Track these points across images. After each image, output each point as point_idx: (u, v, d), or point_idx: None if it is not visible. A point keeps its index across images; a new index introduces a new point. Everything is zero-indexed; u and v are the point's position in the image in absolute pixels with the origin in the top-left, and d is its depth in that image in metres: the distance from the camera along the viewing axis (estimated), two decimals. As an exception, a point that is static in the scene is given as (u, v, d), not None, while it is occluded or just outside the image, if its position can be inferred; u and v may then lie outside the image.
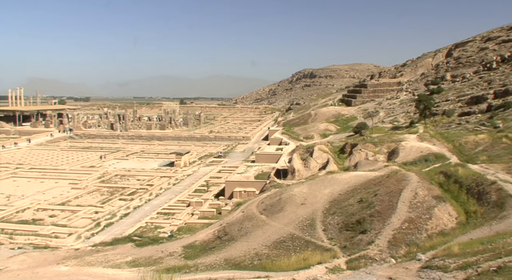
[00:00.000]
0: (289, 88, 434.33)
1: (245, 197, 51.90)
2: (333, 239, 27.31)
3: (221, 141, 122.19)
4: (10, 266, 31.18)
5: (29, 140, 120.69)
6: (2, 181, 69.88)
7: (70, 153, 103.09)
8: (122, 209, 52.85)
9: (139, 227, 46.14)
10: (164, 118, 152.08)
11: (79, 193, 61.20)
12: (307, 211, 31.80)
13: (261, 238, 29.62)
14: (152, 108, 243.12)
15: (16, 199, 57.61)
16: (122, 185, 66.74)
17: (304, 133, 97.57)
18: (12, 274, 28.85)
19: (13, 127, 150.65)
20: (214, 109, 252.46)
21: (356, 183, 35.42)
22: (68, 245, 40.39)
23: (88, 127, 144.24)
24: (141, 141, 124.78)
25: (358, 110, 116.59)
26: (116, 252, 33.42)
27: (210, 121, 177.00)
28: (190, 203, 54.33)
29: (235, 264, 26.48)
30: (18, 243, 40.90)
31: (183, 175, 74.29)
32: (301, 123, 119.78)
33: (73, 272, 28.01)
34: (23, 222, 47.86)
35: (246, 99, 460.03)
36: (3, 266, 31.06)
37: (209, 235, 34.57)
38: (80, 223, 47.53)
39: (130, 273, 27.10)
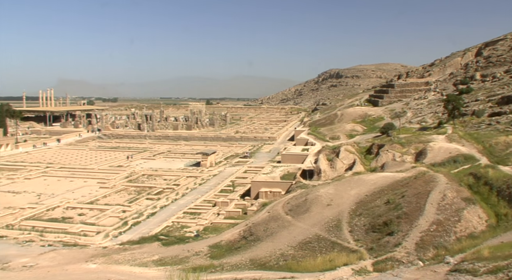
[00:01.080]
0: (315, 88, 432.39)
1: (270, 197, 51.85)
2: (359, 241, 27.09)
3: (247, 141, 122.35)
4: (40, 262, 31.83)
5: (59, 140, 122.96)
6: (33, 180, 71.40)
7: (98, 152, 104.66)
8: (149, 208, 53.38)
9: (166, 226, 46.52)
10: (190, 119, 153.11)
11: (107, 192, 62.08)
12: (333, 212, 31.62)
13: (287, 238, 29.57)
14: (178, 109, 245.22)
15: (47, 198, 58.75)
16: (149, 185, 67.45)
17: (330, 134, 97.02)
18: (42, 271, 29.45)
19: (44, 127, 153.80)
20: (240, 109, 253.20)
21: (383, 184, 35.07)
22: (97, 243, 40.97)
23: (116, 127, 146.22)
24: (168, 141, 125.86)
25: (385, 111, 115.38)
26: (143, 251, 33.79)
27: (236, 122, 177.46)
28: (216, 203, 54.54)
29: (260, 264, 26.49)
30: (49, 240, 41.67)
31: (209, 175, 74.65)
32: (327, 123, 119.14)
33: (101, 270, 28.42)
34: (53, 220, 48.80)
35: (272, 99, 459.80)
36: (34, 262, 31.73)
37: (235, 235, 34.66)
38: (108, 222, 48.19)
39: (156, 271, 27.36)
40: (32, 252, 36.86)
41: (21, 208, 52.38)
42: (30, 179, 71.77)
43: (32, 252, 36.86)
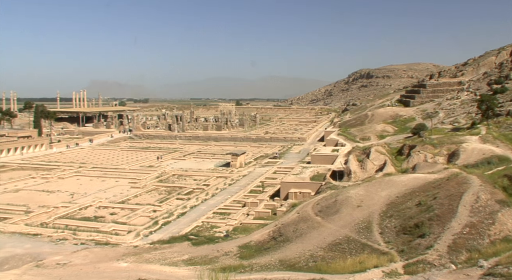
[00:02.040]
0: (345, 88, 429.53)
1: (300, 198, 51.69)
2: (390, 243, 26.77)
3: (277, 142, 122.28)
4: (73, 260, 32.47)
5: (91, 140, 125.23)
6: (67, 179, 72.94)
7: (129, 153, 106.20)
8: (179, 208, 53.84)
9: (196, 226, 46.87)
10: (220, 119, 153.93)
11: (138, 192, 62.91)
12: (363, 214, 31.34)
13: (316, 239, 29.44)
14: (208, 109, 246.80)
15: (79, 197, 59.90)
16: (179, 185, 68.07)
17: (360, 134, 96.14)
18: (75, 269, 30.03)
19: (77, 128, 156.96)
20: (269, 110, 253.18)
21: (415, 185, 34.58)
22: (128, 242, 41.54)
23: (147, 128, 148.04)
24: (198, 142, 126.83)
25: (416, 111, 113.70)
26: (173, 250, 34.12)
27: (266, 122, 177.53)
28: (246, 204, 54.68)
29: (289, 265, 26.44)
30: (81, 239, 42.47)
31: (238, 175, 74.90)
32: (357, 124, 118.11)
33: (132, 269, 28.80)
34: (86, 219, 49.72)
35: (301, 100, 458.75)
36: (68, 260, 32.38)
37: (264, 235, 34.68)
38: (139, 221, 48.82)
39: (186, 271, 27.58)
40: (65, 250, 37.64)
41: (55, 207, 53.55)
42: (64, 178, 73.32)
43: (65, 250, 37.64)
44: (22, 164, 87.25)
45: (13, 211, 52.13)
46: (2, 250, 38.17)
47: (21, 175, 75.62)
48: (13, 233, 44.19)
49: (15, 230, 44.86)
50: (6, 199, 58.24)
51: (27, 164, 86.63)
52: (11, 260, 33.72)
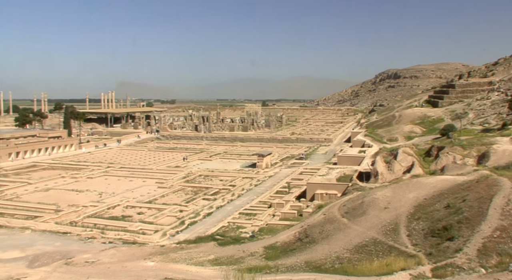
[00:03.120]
0: (372, 89, 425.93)
1: (326, 199, 51.44)
2: (417, 245, 26.41)
3: (303, 143, 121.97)
4: (101, 259, 32.95)
5: (119, 140, 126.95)
6: (95, 179, 74.11)
7: (156, 153, 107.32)
8: (205, 209, 54.15)
9: (222, 226, 47.06)
10: (246, 120, 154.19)
11: (165, 192, 63.50)
12: (390, 216, 30.99)
13: (343, 241, 29.24)
14: (235, 110, 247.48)
15: (108, 196, 60.78)
16: (206, 185, 68.46)
17: (387, 135, 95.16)
18: (103, 267, 30.47)
19: (105, 128, 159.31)
20: (296, 111, 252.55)
21: (443, 187, 34.03)
22: (154, 241, 41.96)
23: (173, 129, 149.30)
24: (224, 142, 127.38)
25: (445, 112, 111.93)
26: (199, 250, 34.31)
27: (292, 123, 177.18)
28: (272, 204, 54.67)
29: (315, 266, 26.32)
30: (109, 237, 43.09)
31: (264, 176, 74.96)
32: (384, 125, 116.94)
33: (158, 268, 29.07)
34: (114, 218, 50.42)
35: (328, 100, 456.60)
36: (96, 258, 32.88)
37: (290, 236, 34.61)
38: (165, 221, 49.26)
39: (212, 271, 27.70)
40: (93, 248, 38.23)
41: (83, 206, 54.50)
42: (92, 178, 74.51)
43: (93, 248, 38.23)
44: (53, 163, 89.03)
45: (44, 210, 53.26)
46: (33, 247, 39.01)
47: (51, 174, 77.14)
48: (44, 231, 45.13)
49: (46, 228, 45.80)
50: (37, 198, 59.51)
51: (57, 164, 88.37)
52: (42, 258, 34.42)
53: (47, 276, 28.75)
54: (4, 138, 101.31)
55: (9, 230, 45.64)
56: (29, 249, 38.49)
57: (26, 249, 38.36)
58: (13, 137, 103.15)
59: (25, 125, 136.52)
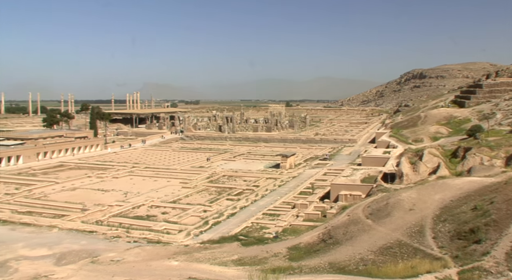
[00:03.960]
0: (397, 89, 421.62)
1: (350, 200, 51.10)
2: (443, 248, 26.04)
3: (327, 143, 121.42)
4: (126, 257, 33.34)
5: (144, 141, 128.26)
6: (120, 178, 75.00)
7: (181, 153, 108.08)
8: (229, 209, 54.29)
9: (245, 227, 47.09)
10: (270, 121, 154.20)
11: (189, 192, 63.88)
12: (415, 217, 30.63)
13: (367, 243, 29.02)
14: (258, 111, 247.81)
15: (133, 196, 61.42)
16: (229, 186, 68.65)
17: (413, 136, 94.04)
18: (128, 266, 30.83)
19: (130, 129, 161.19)
20: (320, 111, 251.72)
21: (470, 189, 33.50)
22: (179, 241, 42.22)
23: (197, 129, 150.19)
24: (248, 143, 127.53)
25: (472, 112, 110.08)
26: (223, 250, 34.44)
27: (316, 124, 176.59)
28: (295, 205, 54.52)
29: (339, 268, 26.18)
30: (134, 237, 43.52)
31: (288, 177, 74.82)
32: (409, 125, 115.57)
33: (182, 267, 29.28)
34: (139, 218, 50.91)
35: (352, 101, 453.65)
36: (121, 257, 33.28)
37: (314, 237, 34.49)
38: (189, 221, 49.54)
39: (236, 271, 27.78)
40: (119, 247, 38.69)
41: (109, 206, 55.18)
42: (118, 178, 75.42)
43: (119, 247, 38.69)
44: (79, 163, 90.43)
45: (71, 209, 54.11)
46: (60, 245, 39.65)
47: (77, 174, 78.34)
48: (70, 229, 45.84)
49: (72, 227, 46.51)
50: (64, 197, 60.50)
51: (83, 164, 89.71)
52: (68, 256, 35.00)
53: (74, 274, 29.25)
54: (32, 138, 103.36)
55: (37, 228, 46.50)
56: (56, 247, 39.15)
57: (54, 247, 39.03)
58: (41, 137, 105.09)
59: (53, 125, 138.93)
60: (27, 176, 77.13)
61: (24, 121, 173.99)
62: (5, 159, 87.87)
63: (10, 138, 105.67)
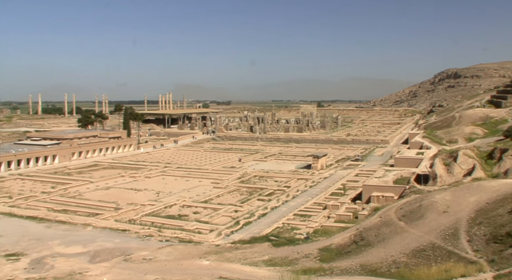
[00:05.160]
0: (431, 89, 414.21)
1: (383, 202, 50.53)
2: (479, 251, 25.47)
3: (359, 144, 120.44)
4: (158, 256, 33.71)
5: (176, 141, 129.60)
6: (153, 178, 75.97)
7: (212, 154, 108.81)
8: (260, 209, 54.36)
9: (276, 227, 47.07)
10: (301, 121, 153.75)
11: (220, 192, 64.24)
12: (449, 220, 30.05)
13: (399, 245, 28.61)
14: (290, 111, 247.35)
15: (165, 196, 62.14)
16: (260, 186, 68.73)
17: (447, 137, 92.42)
18: (160, 264, 31.18)
19: (163, 129, 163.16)
20: (351, 112, 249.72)
21: (507, 191, 32.67)
22: (210, 240, 42.49)
23: (229, 130, 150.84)
24: (279, 143, 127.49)
25: (509, 112, 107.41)
26: (253, 250, 34.47)
27: (348, 124, 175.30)
28: (326, 206, 54.24)
29: (371, 270, 25.90)
30: (166, 236, 44.01)
31: (319, 177, 74.47)
32: (444, 126, 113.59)
33: (213, 267, 29.44)
34: (170, 217, 51.45)
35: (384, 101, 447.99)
36: (153, 256, 33.68)
37: (345, 239, 34.21)
38: (220, 221, 49.82)
39: (266, 271, 27.77)
40: (151, 246, 39.18)
41: (142, 205, 56.00)
42: (150, 177, 76.43)
43: (151, 246, 39.18)
44: (113, 163, 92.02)
45: (104, 208, 55.13)
46: (94, 243, 40.42)
47: (111, 173, 79.74)
48: (104, 228, 46.69)
49: (106, 225, 47.34)
50: (98, 196, 61.65)
51: (117, 163, 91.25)
52: (102, 254, 35.65)
53: (107, 272, 29.75)
54: (68, 138, 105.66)
55: (72, 226, 47.54)
56: (91, 245, 39.93)
57: (88, 245, 39.82)
58: (76, 138, 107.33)
59: (87, 126, 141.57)
60: (63, 175, 78.94)
61: (60, 122, 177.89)
62: (42, 158, 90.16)
63: (46, 138, 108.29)
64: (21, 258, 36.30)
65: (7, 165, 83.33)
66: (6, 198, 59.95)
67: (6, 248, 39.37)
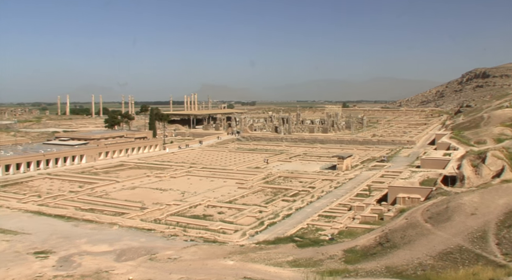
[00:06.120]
0: (459, 89, 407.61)
1: (409, 203, 49.95)
2: (508, 255, 24.98)
3: (384, 145, 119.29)
4: (183, 256, 33.91)
5: (201, 141, 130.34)
6: (178, 178, 76.57)
7: (237, 154, 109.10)
8: (284, 210, 54.26)
9: (301, 228, 46.94)
10: (326, 122, 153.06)
11: (245, 193, 64.36)
12: (478, 222, 29.53)
13: (426, 247, 28.23)
14: (314, 112, 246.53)
15: (190, 196, 62.54)
16: (285, 187, 68.62)
17: (475, 138, 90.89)
18: (185, 264, 31.35)
19: (188, 130, 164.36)
20: (377, 112, 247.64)
21: (537, 194, 31.99)
22: (234, 241, 42.59)
23: (253, 130, 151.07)
24: (304, 144, 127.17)
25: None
26: (278, 251, 34.41)
27: (373, 125, 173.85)
28: (351, 207, 53.88)
29: (397, 272, 25.62)
30: (191, 235, 44.27)
31: (344, 178, 74.00)
32: (471, 126, 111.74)
33: (238, 267, 29.47)
34: (195, 217, 51.75)
35: (411, 101, 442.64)
36: (178, 255, 33.89)
37: (370, 240, 33.90)
38: (245, 221, 49.90)
39: (291, 272, 27.69)
40: (176, 245, 39.42)
41: (167, 204, 56.47)
42: (175, 177, 77.04)
43: (176, 245, 39.42)
44: (139, 163, 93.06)
45: (130, 207, 55.79)
46: (120, 242, 40.90)
47: (137, 173, 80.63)
48: (130, 227, 47.21)
49: (132, 224, 47.87)
50: (124, 196, 62.41)
51: (142, 164, 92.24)
52: (128, 252, 36.03)
53: (133, 270, 30.05)
54: (95, 138, 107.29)
55: (99, 225, 48.20)
56: (117, 243, 40.41)
57: (114, 244, 40.31)
58: (103, 138, 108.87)
59: (114, 126, 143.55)
60: (90, 175, 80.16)
61: (87, 122, 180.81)
62: (70, 158, 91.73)
63: (74, 138, 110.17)
64: (49, 255, 36.97)
65: (37, 165, 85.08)
66: (35, 197, 61.22)
67: (35, 245, 40.16)
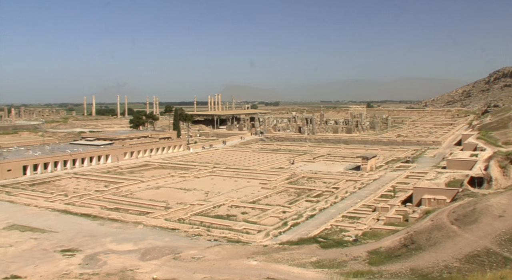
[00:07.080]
0: (486, 89, 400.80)
1: (434, 205, 49.29)
2: (537, 258, 24.46)
3: (409, 145, 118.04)
4: (207, 255, 34.08)
5: (225, 142, 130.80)
6: (202, 178, 76.95)
7: (260, 154, 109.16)
8: (308, 210, 54.07)
9: (324, 229, 46.72)
10: (350, 122, 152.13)
11: (268, 193, 64.33)
12: (506, 225, 28.97)
13: (452, 250, 27.82)
14: (338, 112, 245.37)
15: (213, 196, 62.80)
16: (309, 187, 68.38)
17: (503, 138, 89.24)
18: (208, 263, 31.51)
19: (212, 130, 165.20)
20: (402, 112, 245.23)
21: None
22: (257, 241, 42.60)
23: (277, 130, 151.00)
24: (328, 144, 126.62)
25: None
26: (301, 252, 34.32)
27: (398, 125, 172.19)
28: (376, 208, 53.40)
29: (422, 275, 25.30)
30: (214, 235, 44.44)
31: (369, 179, 73.41)
32: (499, 127, 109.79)
33: (261, 267, 29.49)
34: (219, 217, 51.92)
35: (436, 101, 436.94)
36: (202, 255, 34.07)
37: (395, 242, 33.55)
38: (268, 221, 49.87)
39: (314, 273, 27.59)
40: (199, 245, 39.67)
41: (191, 204, 56.81)
42: (199, 177, 77.46)
43: (199, 245, 39.67)
44: (163, 163, 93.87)
45: (154, 207, 56.26)
46: (144, 241, 41.34)
47: (161, 173, 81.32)
48: (154, 226, 47.62)
49: (156, 224, 48.28)
50: (149, 195, 62.99)
51: (167, 163, 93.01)
52: (152, 251, 36.37)
53: (157, 269, 30.36)
54: (120, 138, 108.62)
55: (124, 224, 48.75)
56: (141, 243, 40.87)
57: (139, 243, 40.77)
58: (128, 138, 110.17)
59: (139, 126, 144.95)
60: (115, 175, 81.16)
61: (112, 122, 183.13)
62: (96, 158, 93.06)
63: (100, 138, 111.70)
64: (75, 253, 37.61)
65: (63, 164, 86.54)
66: (62, 196, 62.25)
67: (62, 243, 40.90)
